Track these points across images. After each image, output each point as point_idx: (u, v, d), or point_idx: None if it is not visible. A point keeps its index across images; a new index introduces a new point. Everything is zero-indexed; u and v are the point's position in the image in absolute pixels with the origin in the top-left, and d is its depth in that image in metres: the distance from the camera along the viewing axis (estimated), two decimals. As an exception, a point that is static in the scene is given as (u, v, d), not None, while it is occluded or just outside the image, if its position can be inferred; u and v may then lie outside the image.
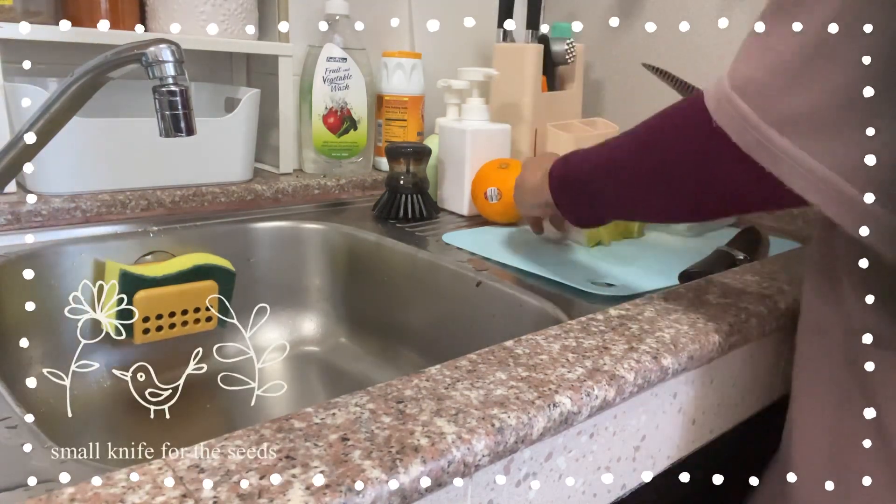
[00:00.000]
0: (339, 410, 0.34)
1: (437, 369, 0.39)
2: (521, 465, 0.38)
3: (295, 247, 0.82)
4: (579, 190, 0.56)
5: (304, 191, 0.91)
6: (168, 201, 0.79)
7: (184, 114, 0.51)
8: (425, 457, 0.31)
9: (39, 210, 0.71)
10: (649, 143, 0.47)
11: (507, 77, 0.95)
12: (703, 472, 0.47)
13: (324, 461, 0.30)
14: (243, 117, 0.85)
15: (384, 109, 1.01)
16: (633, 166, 0.49)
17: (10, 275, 0.62)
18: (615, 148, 0.52)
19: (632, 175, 0.49)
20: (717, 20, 1.01)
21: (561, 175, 0.58)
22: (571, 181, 0.57)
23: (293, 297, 0.82)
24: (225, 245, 0.76)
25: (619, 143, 0.51)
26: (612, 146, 0.52)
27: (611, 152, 0.52)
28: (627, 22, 1.13)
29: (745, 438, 0.60)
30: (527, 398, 0.36)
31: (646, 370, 0.42)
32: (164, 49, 0.50)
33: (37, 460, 0.35)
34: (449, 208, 0.88)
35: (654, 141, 0.46)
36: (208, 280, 0.68)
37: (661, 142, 0.46)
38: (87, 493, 0.27)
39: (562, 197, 0.58)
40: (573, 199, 0.57)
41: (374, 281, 0.78)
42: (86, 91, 0.53)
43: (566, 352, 0.43)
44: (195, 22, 0.82)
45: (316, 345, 0.81)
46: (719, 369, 0.53)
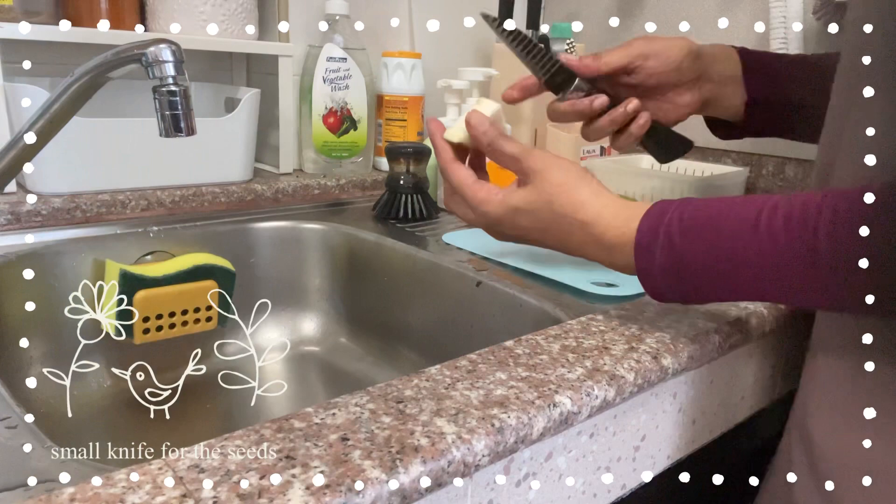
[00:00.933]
0: (339, 410, 0.34)
1: (437, 369, 0.39)
2: (521, 465, 0.38)
3: (295, 247, 0.82)
4: (690, 283, 0.42)
5: (304, 191, 0.91)
6: (168, 201, 0.79)
7: (184, 114, 0.52)
8: (425, 457, 0.31)
9: (39, 210, 0.71)
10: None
11: (507, 77, 0.95)
12: (703, 472, 0.47)
13: (324, 461, 0.30)
14: (243, 117, 0.85)
15: (384, 109, 1.01)
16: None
17: (9, 275, 0.62)
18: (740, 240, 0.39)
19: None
20: (717, 20, 1.01)
21: (672, 266, 0.42)
22: (684, 275, 0.42)
23: (293, 296, 0.82)
24: (225, 245, 0.76)
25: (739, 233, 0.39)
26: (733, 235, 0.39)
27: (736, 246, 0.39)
28: (627, 22, 1.13)
29: (745, 438, 0.60)
30: (527, 398, 0.36)
31: (646, 370, 0.42)
32: (164, 49, 0.50)
33: (37, 460, 0.35)
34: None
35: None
36: (208, 280, 0.68)
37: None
38: (87, 493, 0.27)
39: (668, 289, 0.43)
40: (676, 288, 0.43)
41: (374, 281, 0.78)
42: (86, 91, 0.53)
43: (566, 352, 0.43)
44: (195, 22, 0.82)
45: (316, 345, 0.81)
46: (719, 369, 0.53)
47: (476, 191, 0.51)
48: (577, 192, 0.46)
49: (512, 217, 0.49)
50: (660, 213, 0.43)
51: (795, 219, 0.37)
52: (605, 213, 0.45)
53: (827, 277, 0.37)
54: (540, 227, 0.48)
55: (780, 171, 0.98)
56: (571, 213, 0.46)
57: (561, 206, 0.46)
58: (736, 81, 0.61)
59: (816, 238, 0.36)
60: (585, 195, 0.46)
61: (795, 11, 0.86)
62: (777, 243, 0.37)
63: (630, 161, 0.95)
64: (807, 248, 0.36)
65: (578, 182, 0.47)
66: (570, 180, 0.47)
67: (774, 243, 0.38)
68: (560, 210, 0.46)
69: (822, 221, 0.36)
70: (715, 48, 0.62)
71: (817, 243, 0.36)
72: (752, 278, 0.40)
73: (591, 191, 0.46)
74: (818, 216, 0.36)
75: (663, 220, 0.42)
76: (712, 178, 0.84)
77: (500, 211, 0.49)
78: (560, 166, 0.47)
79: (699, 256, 0.41)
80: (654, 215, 0.43)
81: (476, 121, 0.52)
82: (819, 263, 0.36)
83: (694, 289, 0.43)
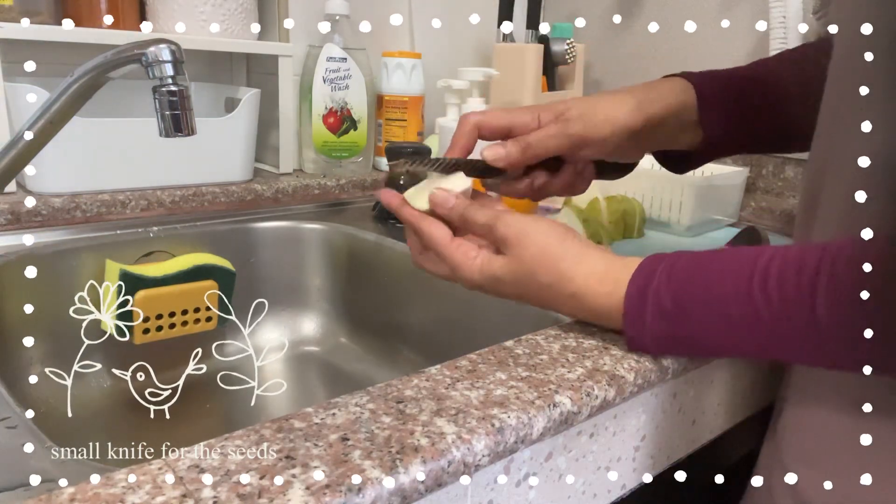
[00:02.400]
0: (339, 410, 0.34)
1: (437, 369, 0.39)
2: (521, 464, 0.38)
3: (295, 247, 0.82)
4: (684, 343, 0.42)
5: (304, 191, 0.91)
6: (168, 201, 0.79)
7: (184, 114, 0.52)
8: (425, 457, 0.31)
9: (39, 210, 0.71)
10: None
11: (507, 77, 0.95)
12: (703, 472, 0.47)
13: (324, 461, 0.30)
14: (243, 117, 0.85)
15: (384, 109, 1.01)
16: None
17: (10, 275, 0.62)
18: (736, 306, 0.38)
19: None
20: (718, 20, 1.01)
21: (668, 335, 0.41)
22: (679, 337, 0.41)
23: (293, 296, 0.82)
24: (225, 245, 0.76)
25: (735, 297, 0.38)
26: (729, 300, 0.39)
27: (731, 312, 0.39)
28: (627, 22, 1.13)
29: (745, 438, 0.60)
30: (527, 398, 0.36)
31: (646, 370, 0.42)
32: (163, 49, 0.50)
33: (37, 460, 0.35)
34: (449, 208, 0.88)
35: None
36: (208, 280, 0.68)
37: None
38: (87, 493, 0.27)
39: (659, 351, 0.44)
40: (670, 350, 0.44)
41: (374, 281, 0.78)
42: (86, 91, 0.53)
43: (566, 352, 0.43)
44: (195, 22, 0.82)
45: (316, 345, 0.81)
46: (719, 369, 0.53)
47: (451, 252, 0.46)
48: (559, 262, 0.44)
49: (493, 285, 0.46)
50: (647, 276, 0.42)
51: (791, 284, 0.36)
52: (591, 281, 0.43)
53: (829, 346, 0.36)
54: (525, 294, 0.46)
55: (780, 171, 0.98)
56: (556, 284, 0.44)
57: (545, 277, 0.44)
58: (689, 128, 0.55)
59: (815, 308, 0.35)
60: (568, 264, 0.43)
61: (795, 11, 0.86)
62: (772, 310, 0.37)
63: (630, 161, 0.95)
64: (806, 319, 0.36)
65: (558, 248, 0.44)
66: (549, 248, 0.44)
67: (770, 310, 0.37)
68: (545, 281, 0.44)
69: (819, 287, 0.35)
70: (669, 97, 0.53)
71: (817, 313, 0.35)
72: (748, 345, 0.40)
73: (573, 257, 0.44)
74: (815, 279, 0.35)
75: (651, 285, 0.41)
76: (712, 177, 0.84)
77: (478, 278, 0.46)
78: (536, 231, 0.44)
79: (693, 327, 0.40)
80: (640, 278, 0.42)
81: (440, 200, 0.48)
82: (821, 333, 0.36)
83: (687, 351, 0.44)
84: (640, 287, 0.41)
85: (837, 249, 0.35)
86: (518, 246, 0.44)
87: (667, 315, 0.40)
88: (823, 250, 0.36)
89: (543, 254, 0.44)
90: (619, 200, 0.79)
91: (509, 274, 0.45)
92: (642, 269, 0.42)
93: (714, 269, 0.40)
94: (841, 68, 0.44)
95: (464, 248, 0.46)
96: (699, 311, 0.39)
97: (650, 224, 0.84)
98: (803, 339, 0.37)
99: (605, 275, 0.43)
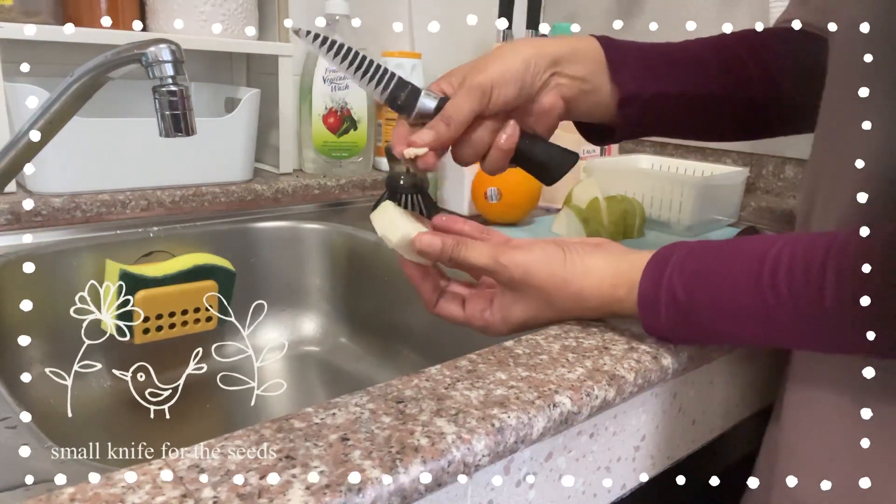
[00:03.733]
0: (339, 410, 0.34)
1: (437, 369, 0.39)
2: (521, 465, 0.38)
3: (295, 247, 0.82)
4: (697, 331, 0.44)
5: (304, 191, 0.91)
6: (168, 201, 0.79)
7: (184, 114, 0.52)
8: (425, 457, 0.31)
9: (39, 210, 0.71)
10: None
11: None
12: (703, 472, 0.47)
13: (324, 461, 0.30)
14: (243, 117, 0.85)
15: (384, 109, 1.01)
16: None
17: (9, 275, 0.62)
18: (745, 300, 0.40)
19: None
20: (717, 20, 1.00)
21: (681, 324, 0.43)
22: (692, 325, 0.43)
23: (293, 297, 0.82)
24: (225, 245, 0.76)
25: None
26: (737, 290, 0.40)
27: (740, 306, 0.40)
28: (627, 22, 1.13)
29: (745, 438, 0.60)
30: (527, 398, 0.36)
31: (646, 370, 0.42)
32: (163, 49, 0.50)
33: (37, 460, 0.35)
34: (449, 208, 0.88)
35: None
36: (208, 280, 0.68)
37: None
38: (87, 493, 0.27)
39: (676, 333, 0.45)
40: (685, 335, 0.45)
41: (374, 281, 0.78)
42: (86, 91, 0.53)
43: (566, 352, 0.43)
44: (195, 22, 0.82)
45: (316, 345, 0.81)
46: (719, 369, 0.53)
47: (473, 322, 0.49)
48: (568, 286, 0.45)
49: (523, 326, 0.48)
50: (659, 268, 0.43)
51: (799, 279, 0.37)
52: (604, 288, 0.45)
53: (838, 336, 0.38)
54: (555, 318, 0.48)
55: (780, 171, 0.98)
56: (575, 304, 0.46)
57: (562, 302, 0.46)
58: (601, 75, 0.52)
59: (823, 301, 0.36)
60: (577, 284, 0.45)
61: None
62: (782, 303, 0.38)
63: (630, 161, 0.95)
64: (814, 311, 0.37)
65: (562, 273, 0.45)
66: (554, 276, 0.45)
67: (779, 303, 0.38)
68: (563, 305, 0.46)
69: (827, 281, 0.36)
70: (573, 44, 0.52)
71: (825, 305, 0.36)
72: (758, 335, 0.41)
73: (579, 275, 0.45)
74: (823, 273, 0.36)
75: (662, 280, 0.43)
76: (712, 177, 0.84)
77: (506, 330, 0.48)
78: (540, 263, 0.45)
79: (705, 317, 0.42)
80: (651, 272, 0.43)
81: (426, 245, 0.48)
82: (829, 323, 0.37)
83: (700, 339, 0.46)
84: (655, 279, 0.43)
85: (844, 242, 0.36)
86: (525, 284, 0.46)
87: (680, 306, 0.42)
88: (830, 243, 0.37)
89: (552, 283, 0.45)
90: (619, 200, 0.79)
91: (530, 311, 0.47)
92: (652, 264, 0.44)
93: (724, 260, 0.42)
94: (841, 68, 0.44)
95: (478, 313, 0.49)
96: (710, 304, 0.41)
97: (650, 224, 0.84)
98: (812, 329, 0.38)
99: (616, 278, 0.45)
